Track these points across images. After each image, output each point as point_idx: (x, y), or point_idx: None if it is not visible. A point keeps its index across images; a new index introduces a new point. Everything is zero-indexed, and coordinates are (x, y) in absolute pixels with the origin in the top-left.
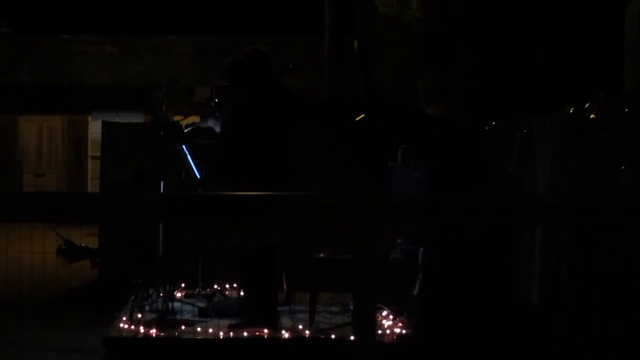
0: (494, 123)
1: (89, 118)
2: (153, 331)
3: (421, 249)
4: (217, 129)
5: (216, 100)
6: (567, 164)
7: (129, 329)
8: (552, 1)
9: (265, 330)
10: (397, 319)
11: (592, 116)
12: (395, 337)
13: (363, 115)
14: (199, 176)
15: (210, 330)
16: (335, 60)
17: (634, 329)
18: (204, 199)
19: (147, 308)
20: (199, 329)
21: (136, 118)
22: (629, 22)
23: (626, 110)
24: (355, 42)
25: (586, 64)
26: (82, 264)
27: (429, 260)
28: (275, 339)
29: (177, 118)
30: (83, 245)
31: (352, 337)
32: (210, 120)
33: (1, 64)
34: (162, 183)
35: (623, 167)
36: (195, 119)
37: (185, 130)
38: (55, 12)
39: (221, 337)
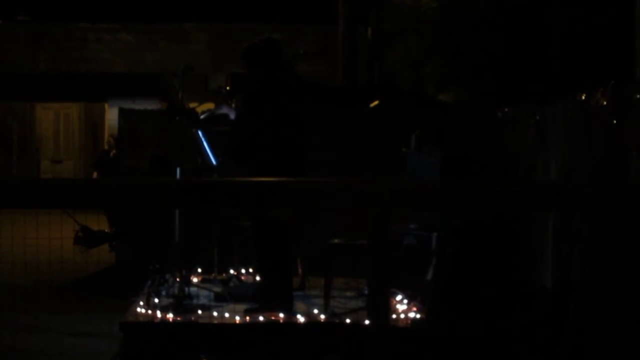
0: (506, 110)
1: (106, 105)
2: (170, 316)
3: (434, 234)
4: (232, 116)
5: (228, 88)
6: (579, 151)
7: (146, 314)
8: None
9: (281, 315)
10: (411, 303)
11: (603, 102)
12: (409, 321)
13: (377, 102)
14: (214, 162)
15: (226, 315)
16: (349, 48)
17: None
18: (218, 184)
19: (163, 293)
20: (215, 314)
21: (152, 105)
22: (639, 9)
23: (637, 96)
24: (369, 29)
25: (597, 50)
26: (99, 248)
27: (442, 245)
28: (291, 323)
29: (192, 105)
30: (100, 229)
31: (366, 322)
32: (224, 107)
33: (19, 51)
34: (178, 169)
35: (635, 153)
36: (209, 105)
37: (201, 117)
38: (71, 0)
39: (237, 321)
